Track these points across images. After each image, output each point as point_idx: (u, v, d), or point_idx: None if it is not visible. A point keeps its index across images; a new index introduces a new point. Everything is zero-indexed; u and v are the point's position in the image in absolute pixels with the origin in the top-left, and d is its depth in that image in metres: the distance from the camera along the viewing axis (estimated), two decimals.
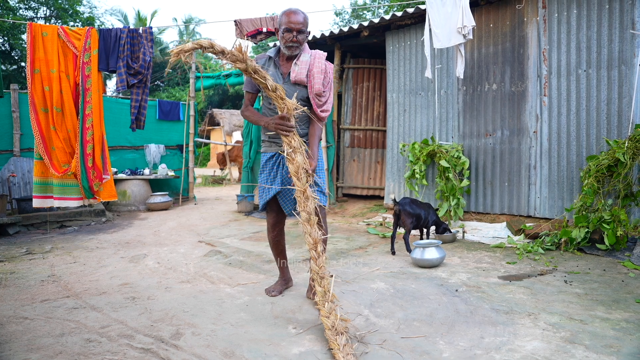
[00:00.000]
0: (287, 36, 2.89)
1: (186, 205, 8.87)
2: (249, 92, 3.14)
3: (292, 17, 2.89)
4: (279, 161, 3.05)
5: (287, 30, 2.87)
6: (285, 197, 3.05)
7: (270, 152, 3.12)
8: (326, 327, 2.35)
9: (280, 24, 2.93)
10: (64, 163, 4.08)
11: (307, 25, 2.94)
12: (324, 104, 2.98)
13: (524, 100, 5.34)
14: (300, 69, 2.92)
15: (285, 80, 2.97)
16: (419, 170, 5.69)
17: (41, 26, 4.04)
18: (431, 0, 5.16)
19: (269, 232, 3.23)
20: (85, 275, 3.90)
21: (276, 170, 3.07)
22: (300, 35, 2.90)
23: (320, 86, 2.91)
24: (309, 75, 2.91)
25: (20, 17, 20.26)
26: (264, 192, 3.09)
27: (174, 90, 26.65)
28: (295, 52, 2.94)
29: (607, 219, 4.22)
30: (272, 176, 3.07)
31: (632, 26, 4.54)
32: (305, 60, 2.95)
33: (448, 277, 3.69)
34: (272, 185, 3.05)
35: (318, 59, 2.98)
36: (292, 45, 2.90)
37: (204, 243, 5.22)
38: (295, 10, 2.92)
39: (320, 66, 2.95)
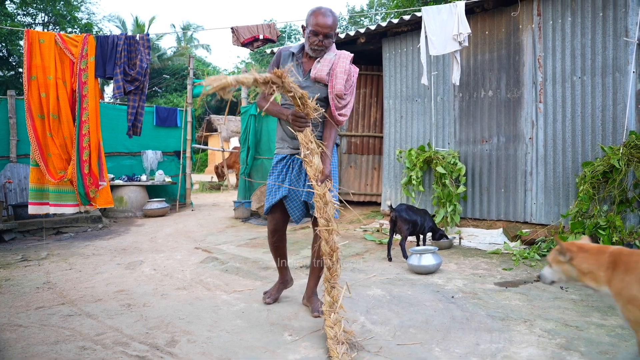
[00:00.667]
0: (313, 40, 2.74)
1: (183, 211, 8.85)
2: None
3: (320, 19, 2.70)
4: (289, 164, 2.93)
5: (313, 33, 2.72)
6: (293, 201, 2.92)
7: (283, 153, 2.99)
8: (328, 337, 2.34)
9: (307, 24, 2.77)
10: (60, 170, 4.08)
11: (335, 28, 2.78)
12: (343, 107, 2.82)
13: (520, 107, 5.37)
14: (322, 66, 2.78)
15: (305, 77, 2.85)
16: (416, 176, 5.71)
17: (38, 33, 4.06)
18: (427, 7, 5.19)
19: (270, 237, 3.11)
20: (80, 282, 3.89)
21: (285, 172, 2.93)
22: (326, 39, 2.75)
23: (342, 87, 2.75)
24: (331, 74, 2.76)
25: (18, 24, 20.30)
26: (270, 194, 2.98)
27: (172, 96, 26.68)
28: (320, 55, 2.81)
29: (603, 225, 4.24)
30: (280, 179, 2.94)
31: (626, 34, 4.58)
32: (329, 59, 2.81)
33: (444, 284, 3.69)
34: (280, 188, 2.92)
35: (343, 58, 2.83)
36: (317, 49, 2.77)
37: (201, 249, 5.21)
38: (325, 11, 2.73)
39: (345, 66, 2.79)
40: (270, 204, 2.96)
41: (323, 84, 2.81)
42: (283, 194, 2.88)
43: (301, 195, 2.85)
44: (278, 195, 2.91)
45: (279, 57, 2.94)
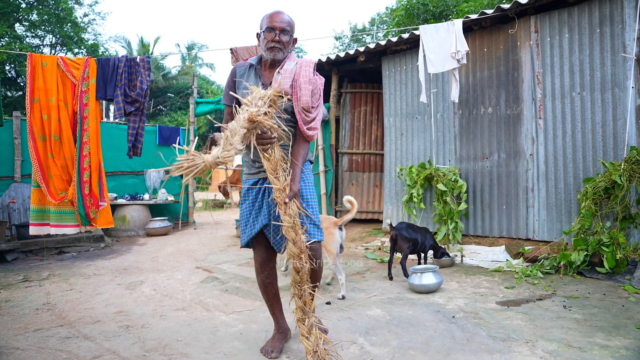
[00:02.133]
0: (269, 36, 2.52)
1: (186, 230, 8.85)
2: (228, 105, 2.64)
3: (275, 16, 2.55)
4: (264, 189, 2.61)
5: (269, 29, 2.52)
6: (276, 229, 2.59)
7: (254, 178, 2.67)
8: (307, 351, 2.28)
9: (262, 26, 2.58)
10: (61, 190, 4.11)
11: (292, 28, 2.59)
12: (311, 120, 2.54)
13: (520, 123, 5.37)
14: (283, 78, 2.49)
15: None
16: (417, 194, 5.70)
17: (41, 56, 4.12)
18: (425, 26, 5.25)
19: (258, 273, 2.72)
20: (80, 303, 3.88)
21: (261, 199, 2.61)
22: (283, 35, 2.53)
23: (308, 99, 2.48)
24: (295, 85, 2.50)
25: (26, 45, 20.64)
26: (246, 226, 2.63)
27: (176, 115, 26.89)
28: (278, 56, 2.55)
29: (606, 242, 4.19)
30: (256, 207, 2.61)
31: (624, 49, 4.60)
32: (290, 69, 2.55)
33: (445, 303, 3.65)
34: (258, 217, 2.60)
35: (305, 67, 2.56)
36: (274, 46, 2.52)
37: (202, 269, 5.20)
38: (279, 10, 2.59)
39: (308, 75, 2.53)
40: (250, 235, 2.61)
41: (286, 96, 2.52)
42: (263, 223, 2.57)
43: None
44: (257, 224, 2.59)
45: (234, 75, 2.69)
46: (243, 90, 2.53)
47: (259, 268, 2.70)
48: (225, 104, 2.70)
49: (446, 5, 11.54)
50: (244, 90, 2.52)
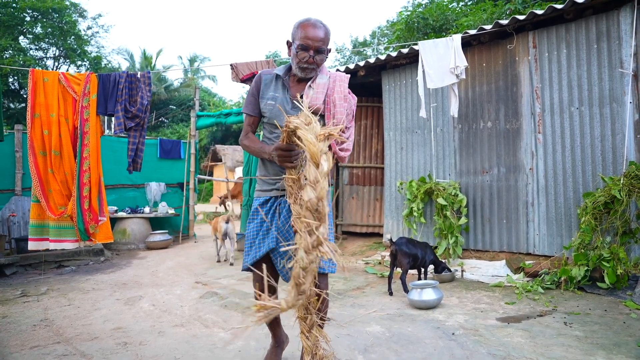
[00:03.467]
0: (303, 55, 2.25)
1: (186, 243, 8.84)
2: (250, 115, 2.46)
3: (310, 31, 2.23)
4: (275, 208, 2.37)
5: (302, 47, 2.24)
6: (284, 254, 2.32)
7: (265, 195, 2.43)
8: (305, 351, 2.13)
9: (294, 38, 2.30)
10: (61, 205, 4.11)
11: (328, 41, 2.31)
12: (346, 140, 2.33)
13: (519, 138, 5.39)
14: (316, 93, 2.30)
15: (294, 106, 2.33)
16: (417, 208, 5.69)
17: (43, 72, 4.16)
18: (424, 42, 5.29)
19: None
20: (78, 319, 3.86)
21: (271, 219, 2.36)
22: (318, 55, 2.27)
23: (343, 117, 2.29)
24: (327, 101, 2.32)
25: (30, 58, 20.84)
26: (252, 247, 2.38)
27: (178, 127, 27.03)
28: (311, 75, 2.33)
29: (607, 257, 4.18)
30: (265, 227, 2.36)
31: (621, 65, 4.62)
32: (323, 83, 2.34)
33: (445, 319, 3.63)
34: (265, 239, 2.35)
35: (340, 82, 2.37)
36: (308, 67, 2.28)
37: (201, 284, 5.18)
38: (315, 22, 2.27)
39: (343, 91, 2.35)
40: (254, 258, 2.35)
41: (318, 114, 2.31)
42: (270, 246, 2.30)
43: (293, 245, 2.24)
44: (264, 247, 2.33)
45: (259, 83, 2.45)
46: (268, 101, 2.36)
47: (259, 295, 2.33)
48: (246, 113, 2.46)
49: (446, 19, 11.63)
50: (269, 101, 2.35)
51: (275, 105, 2.34)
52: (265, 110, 2.37)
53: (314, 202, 1.76)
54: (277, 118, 2.31)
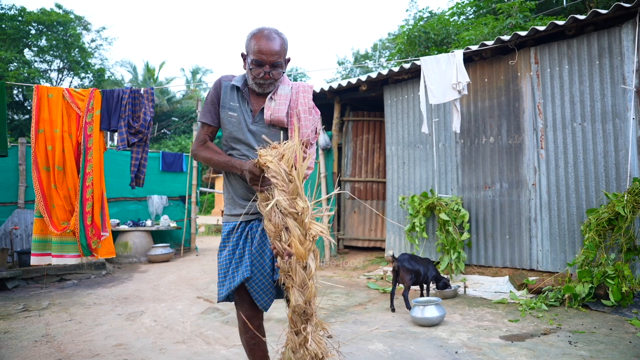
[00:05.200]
0: (257, 72, 2.07)
1: (188, 256, 8.82)
2: (207, 124, 2.22)
3: (264, 44, 2.04)
4: (246, 233, 2.17)
5: (256, 63, 2.06)
6: (259, 283, 2.12)
7: (235, 220, 2.19)
8: None
9: (248, 50, 2.10)
10: (63, 221, 4.12)
11: (285, 53, 2.11)
12: (309, 156, 2.13)
13: (522, 153, 5.39)
14: (278, 105, 2.13)
15: (255, 120, 2.16)
16: (419, 223, 5.68)
17: (47, 88, 4.19)
18: (425, 57, 5.31)
19: (242, 333, 2.22)
20: (79, 335, 3.84)
21: (243, 246, 2.15)
22: (275, 70, 2.09)
23: (308, 131, 2.14)
24: (291, 114, 2.15)
25: (34, 70, 21.02)
26: (225, 278, 2.17)
27: (180, 139, 27.11)
28: (269, 90, 2.15)
29: (611, 274, 4.15)
30: (237, 255, 2.15)
31: (623, 81, 4.63)
32: (285, 94, 2.16)
33: (448, 337, 3.60)
34: (238, 267, 2.13)
35: (303, 93, 2.20)
36: (263, 82, 2.11)
37: (202, 299, 5.16)
38: (269, 33, 2.07)
39: (308, 104, 2.19)
40: (228, 289, 2.14)
41: (280, 127, 2.17)
42: (245, 276, 2.09)
43: (268, 273, 2.13)
44: (238, 276, 2.12)
45: (219, 90, 2.22)
46: (228, 112, 2.16)
47: (242, 327, 2.20)
48: (203, 122, 2.23)
49: (447, 33, 11.71)
50: (229, 112, 2.16)
51: (237, 118, 2.16)
52: (227, 122, 2.16)
53: (301, 307, 1.77)
54: (239, 132, 2.15)
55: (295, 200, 1.82)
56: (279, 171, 1.82)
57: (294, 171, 1.83)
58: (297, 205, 1.81)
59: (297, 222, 1.80)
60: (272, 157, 1.84)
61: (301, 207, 1.80)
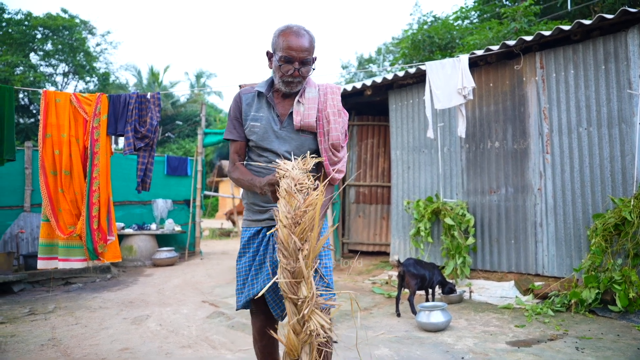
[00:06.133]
0: (286, 68, 2.01)
1: (192, 260, 8.83)
2: (235, 141, 2.17)
3: (293, 40, 1.98)
4: (267, 240, 2.10)
5: (285, 59, 2.00)
6: (276, 291, 2.06)
7: (255, 226, 2.16)
8: None
9: (275, 48, 2.04)
10: (70, 225, 4.14)
11: (313, 50, 2.05)
12: (339, 160, 2.13)
13: (527, 158, 5.38)
14: (307, 109, 2.07)
15: (283, 126, 2.10)
16: (424, 227, 5.67)
17: (55, 93, 4.22)
18: (431, 62, 5.32)
19: (256, 342, 2.21)
20: (85, 339, 3.85)
21: (264, 253, 2.10)
22: (304, 67, 2.02)
23: (339, 134, 2.08)
24: (320, 117, 2.09)
25: (40, 74, 21.16)
26: (244, 286, 2.13)
27: (184, 142, 27.21)
28: (297, 89, 2.09)
29: (618, 280, 4.13)
30: (257, 262, 2.10)
31: (629, 86, 4.62)
32: (313, 97, 2.10)
33: (454, 343, 3.59)
34: (258, 275, 2.08)
35: (331, 95, 2.14)
36: (293, 81, 2.04)
37: (208, 303, 5.16)
38: (298, 29, 2.01)
39: (337, 105, 2.12)
40: (247, 298, 2.11)
41: (309, 132, 2.11)
42: (265, 284, 2.01)
43: None
44: (258, 284, 2.06)
45: (240, 104, 2.16)
46: (252, 123, 2.10)
47: (257, 335, 2.18)
48: (230, 140, 2.18)
49: (452, 37, 11.72)
50: (252, 123, 2.10)
51: (262, 127, 2.09)
52: (251, 133, 2.10)
53: None
54: (265, 141, 2.09)
55: (299, 285, 1.63)
56: (287, 243, 1.64)
57: (306, 245, 1.63)
58: (300, 290, 1.63)
59: (296, 308, 1.64)
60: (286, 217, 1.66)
61: (304, 295, 1.61)
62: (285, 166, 1.78)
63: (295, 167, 1.76)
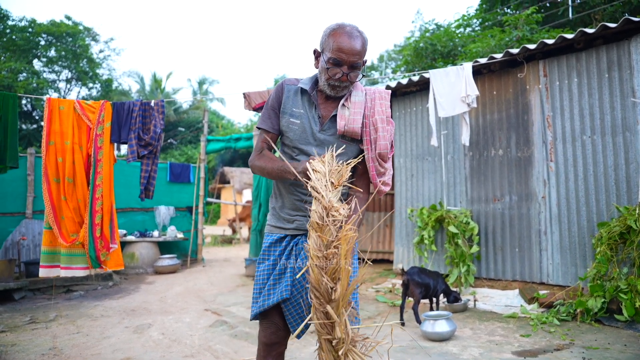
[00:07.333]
0: (334, 72, 1.85)
1: (194, 267, 8.80)
2: (267, 131, 2.02)
3: (345, 42, 1.82)
4: (291, 247, 1.98)
5: (334, 62, 1.84)
6: (296, 306, 1.91)
7: (280, 232, 2.01)
8: None
9: (324, 48, 1.89)
10: (73, 233, 4.12)
11: (364, 54, 1.89)
12: (385, 171, 1.98)
13: (531, 166, 5.36)
14: (353, 114, 1.91)
15: (323, 128, 1.95)
16: (428, 235, 5.64)
17: (59, 100, 4.22)
18: (434, 70, 5.32)
19: (260, 358, 2.00)
20: (87, 348, 3.82)
21: (286, 261, 1.95)
22: (353, 72, 1.87)
23: (387, 143, 1.93)
24: (366, 124, 1.94)
25: (43, 80, 21.25)
26: (260, 294, 1.96)
27: (187, 149, 27.24)
28: (342, 94, 1.94)
29: (624, 289, 4.09)
30: (277, 271, 1.95)
31: (633, 94, 4.61)
32: (360, 102, 1.94)
33: (459, 353, 3.56)
34: (276, 285, 1.93)
35: (380, 100, 1.99)
36: (339, 85, 1.89)
37: (210, 312, 5.13)
38: (351, 30, 1.86)
39: (385, 112, 1.97)
40: (262, 307, 1.92)
41: (351, 139, 1.96)
42: (283, 296, 1.88)
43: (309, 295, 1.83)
44: (274, 295, 1.91)
45: (281, 94, 2.01)
46: (290, 119, 1.96)
47: (263, 350, 1.98)
48: (263, 129, 2.02)
49: (454, 45, 11.74)
50: (290, 119, 1.96)
51: (300, 126, 1.95)
52: (288, 130, 1.95)
53: None
54: (302, 142, 1.95)
55: (334, 325, 1.52)
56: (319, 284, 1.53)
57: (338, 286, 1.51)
58: (335, 331, 1.51)
59: (332, 347, 1.53)
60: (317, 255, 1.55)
61: (338, 336, 1.50)
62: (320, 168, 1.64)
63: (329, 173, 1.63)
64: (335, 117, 1.94)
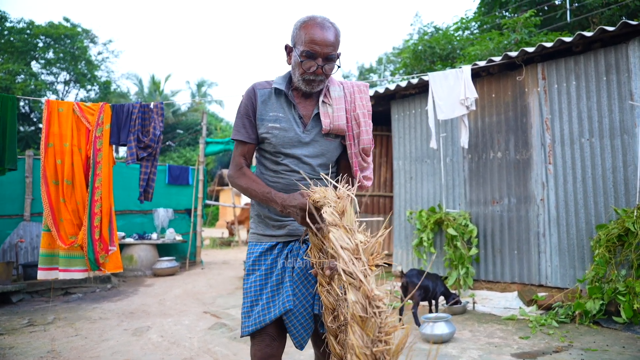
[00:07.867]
0: (308, 65, 1.76)
1: (193, 270, 8.79)
2: (244, 142, 1.87)
3: (318, 33, 1.74)
4: (285, 255, 1.83)
5: (308, 55, 1.75)
6: (298, 317, 1.76)
7: (268, 241, 1.87)
8: None
9: (296, 41, 1.80)
10: (71, 235, 4.11)
11: (338, 45, 1.80)
12: (369, 166, 1.94)
13: (530, 168, 5.37)
14: (336, 111, 1.84)
15: (307, 129, 1.85)
16: (427, 238, 5.65)
17: (58, 102, 4.22)
18: (433, 73, 5.33)
19: None
20: (85, 351, 3.81)
21: (281, 271, 1.80)
22: (328, 64, 1.78)
23: (370, 137, 1.89)
24: (348, 120, 1.88)
25: (41, 82, 21.22)
26: (253, 309, 1.79)
27: (185, 151, 27.22)
28: (318, 89, 1.85)
29: (622, 291, 4.10)
30: (273, 281, 1.80)
31: (631, 97, 4.63)
32: (339, 97, 1.88)
33: (459, 355, 3.56)
34: (276, 296, 1.77)
35: (359, 93, 1.94)
36: (315, 79, 1.79)
37: (209, 314, 5.12)
38: (322, 21, 1.77)
39: (367, 106, 1.92)
40: (260, 324, 1.74)
41: (335, 135, 1.89)
42: (287, 307, 1.72)
43: (310, 305, 1.77)
44: (275, 308, 1.74)
45: (254, 100, 1.87)
46: (269, 124, 1.83)
47: None
48: (238, 140, 1.87)
49: (452, 48, 11.77)
50: (270, 124, 1.83)
51: (283, 130, 1.83)
52: (270, 136, 1.82)
53: None
54: (286, 145, 1.83)
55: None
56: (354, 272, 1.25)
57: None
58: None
59: None
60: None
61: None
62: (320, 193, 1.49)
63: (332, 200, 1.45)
64: (318, 115, 1.86)
